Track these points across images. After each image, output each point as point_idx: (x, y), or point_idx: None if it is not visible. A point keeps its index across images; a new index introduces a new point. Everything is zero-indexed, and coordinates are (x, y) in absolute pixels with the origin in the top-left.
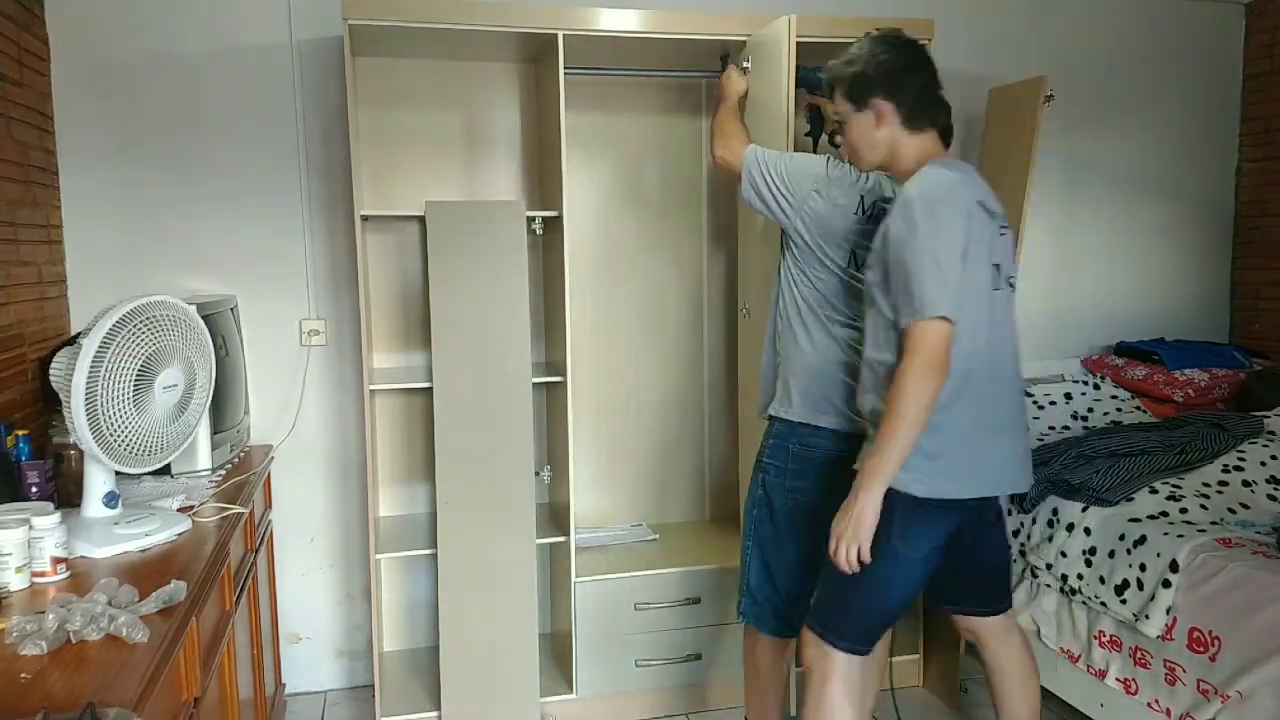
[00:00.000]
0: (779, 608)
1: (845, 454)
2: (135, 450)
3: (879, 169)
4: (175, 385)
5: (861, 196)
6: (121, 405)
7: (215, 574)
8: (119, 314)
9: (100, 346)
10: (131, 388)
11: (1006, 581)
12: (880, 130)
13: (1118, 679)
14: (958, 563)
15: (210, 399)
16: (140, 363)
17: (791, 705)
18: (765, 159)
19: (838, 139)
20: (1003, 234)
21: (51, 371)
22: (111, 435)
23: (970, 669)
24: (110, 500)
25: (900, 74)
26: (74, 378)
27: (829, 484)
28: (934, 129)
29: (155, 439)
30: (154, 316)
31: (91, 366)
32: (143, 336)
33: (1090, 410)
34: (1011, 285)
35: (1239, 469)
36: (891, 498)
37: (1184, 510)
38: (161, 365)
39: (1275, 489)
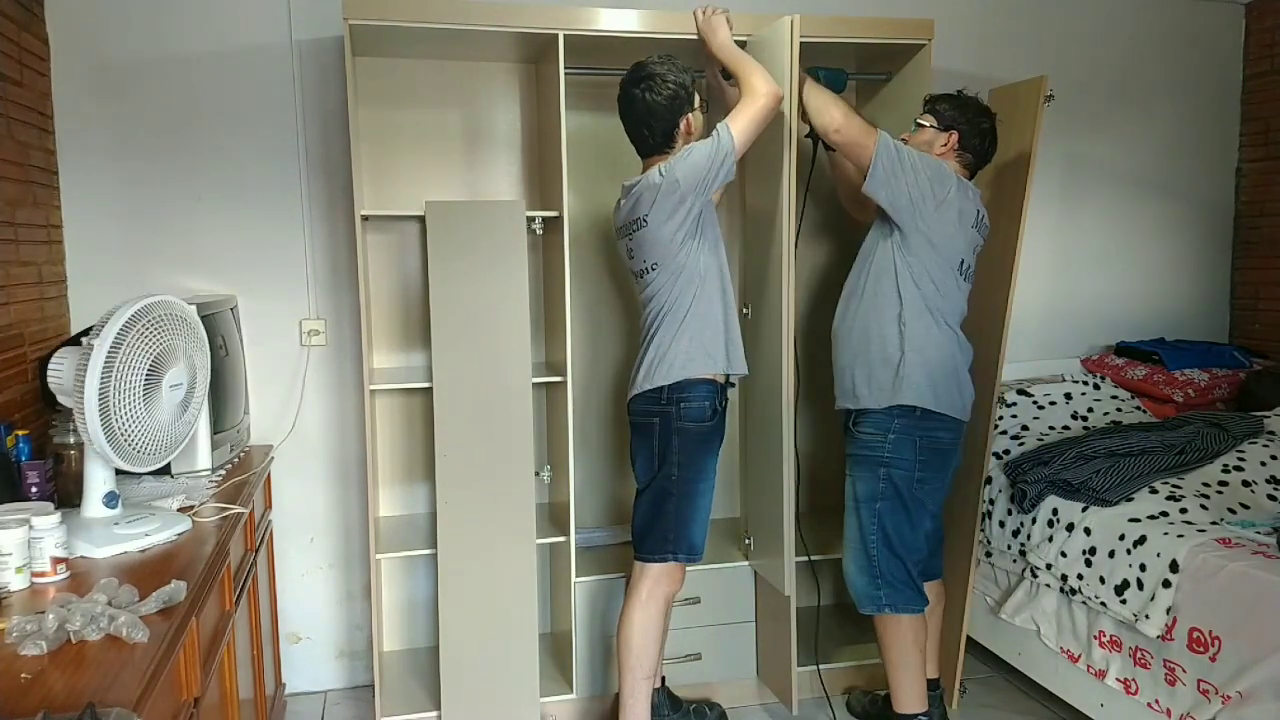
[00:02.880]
0: (915, 584)
1: (959, 442)
2: (144, 449)
3: None
4: (180, 384)
5: (978, 210)
6: (133, 406)
7: (215, 574)
8: (128, 314)
9: (112, 347)
10: (142, 387)
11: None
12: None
13: (1118, 679)
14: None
15: (206, 396)
16: (149, 362)
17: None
18: (905, 153)
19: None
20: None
21: (50, 372)
22: (124, 436)
23: (970, 669)
24: (110, 500)
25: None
26: (87, 379)
27: (949, 466)
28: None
29: (162, 438)
30: (159, 316)
31: (104, 368)
32: (150, 336)
33: (1090, 410)
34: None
35: (1239, 469)
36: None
37: (1184, 510)
38: (168, 364)
39: (1275, 489)
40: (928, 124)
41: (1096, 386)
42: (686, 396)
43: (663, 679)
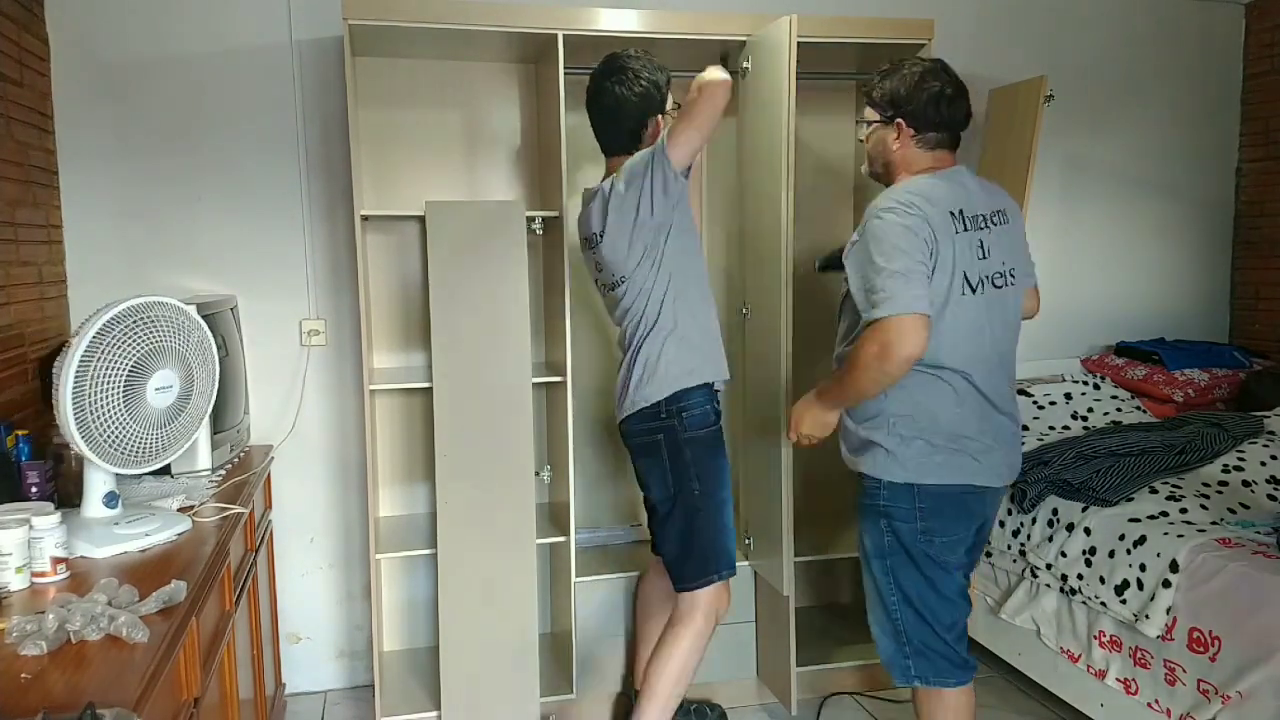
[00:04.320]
0: (953, 650)
1: (980, 492)
2: (129, 451)
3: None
4: (169, 387)
5: (957, 209)
6: (111, 406)
7: (215, 574)
8: (110, 314)
9: (89, 347)
10: (122, 389)
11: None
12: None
13: (1118, 679)
14: None
15: (213, 401)
16: (132, 364)
17: None
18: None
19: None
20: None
21: (54, 371)
22: (102, 436)
23: None
24: (110, 500)
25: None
26: (62, 377)
27: (965, 517)
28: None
29: (150, 441)
30: (149, 317)
31: (79, 367)
32: (135, 337)
33: (1090, 410)
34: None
35: (1239, 469)
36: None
37: (1184, 510)
38: (155, 366)
39: (1275, 489)
40: (872, 119)
41: (1097, 386)
42: (686, 405)
43: None
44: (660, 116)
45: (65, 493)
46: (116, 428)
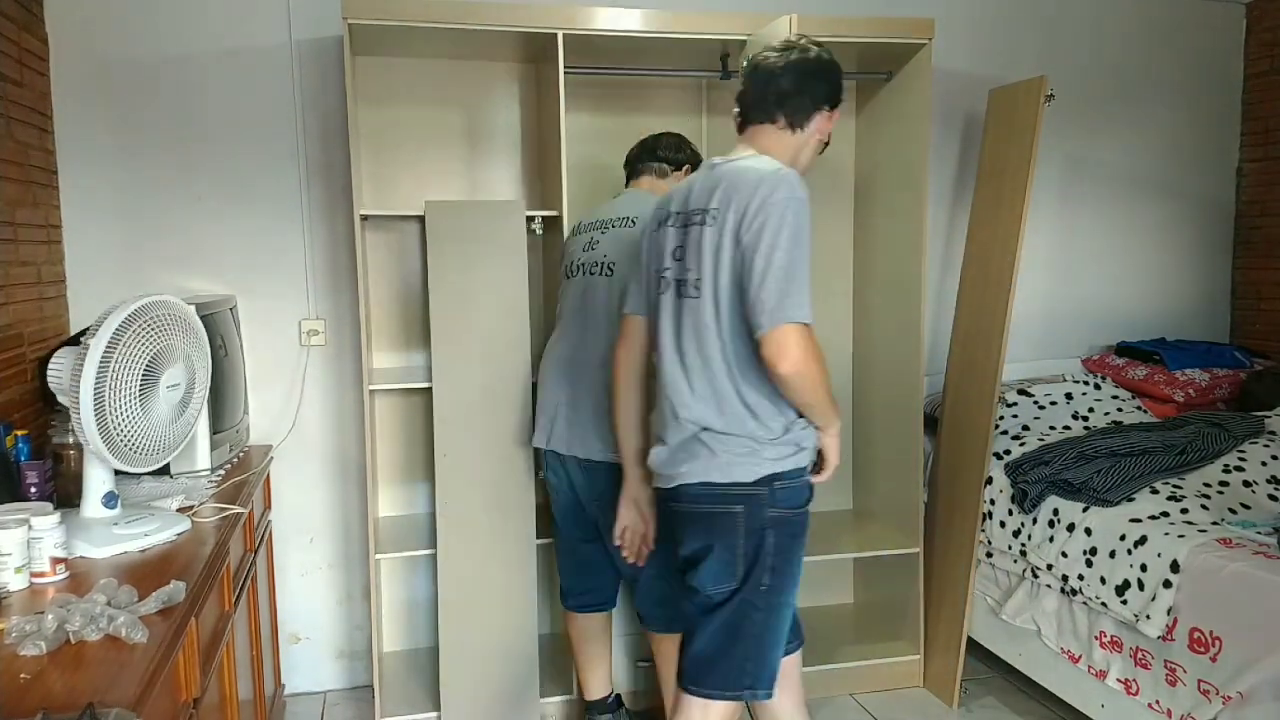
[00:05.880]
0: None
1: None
2: (141, 450)
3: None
4: (178, 384)
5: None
6: (129, 406)
7: (215, 574)
8: (125, 314)
9: (108, 347)
10: (138, 388)
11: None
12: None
13: (1118, 679)
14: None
15: (206, 396)
16: (145, 362)
17: None
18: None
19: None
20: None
21: (50, 372)
22: (120, 436)
23: (970, 669)
24: (109, 500)
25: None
26: (82, 379)
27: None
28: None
29: (160, 438)
30: (157, 316)
31: (99, 367)
32: (147, 336)
33: (1091, 410)
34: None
35: (1239, 469)
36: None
37: (1184, 510)
38: (165, 364)
39: (1276, 489)
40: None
41: (1097, 386)
42: (784, 474)
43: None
44: (829, 113)
45: (65, 493)
46: (133, 427)
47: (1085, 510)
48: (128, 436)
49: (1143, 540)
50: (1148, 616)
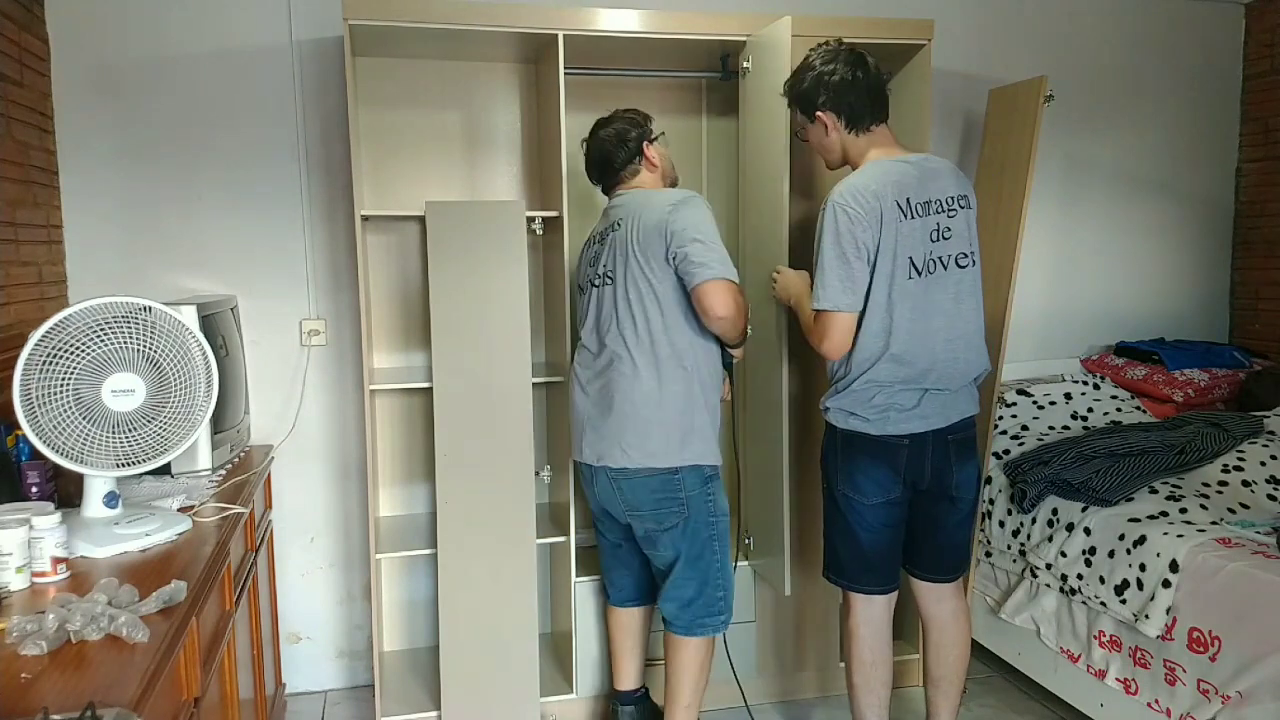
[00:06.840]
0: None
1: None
2: (96, 453)
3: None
4: (131, 390)
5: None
6: (64, 410)
7: (215, 574)
8: (52, 321)
9: (30, 354)
10: (72, 393)
11: (953, 557)
12: (830, 137)
13: (1118, 679)
14: (914, 529)
15: (215, 401)
16: (79, 368)
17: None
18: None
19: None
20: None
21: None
22: (60, 441)
23: (970, 669)
24: (110, 500)
25: (852, 90)
26: (14, 387)
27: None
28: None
29: (118, 444)
30: (104, 319)
31: (23, 373)
32: (88, 340)
33: (1090, 410)
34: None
35: (1239, 469)
36: (833, 443)
37: (1184, 510)
38: (109, 370)
39: (1275, 489)
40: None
41: (1096, 386)
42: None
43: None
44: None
45: (65, 493)
46: (72, 431)
47: (1084, 510)
48: (66, 436)
49: (1142, 540)
50: (1147, 616)
